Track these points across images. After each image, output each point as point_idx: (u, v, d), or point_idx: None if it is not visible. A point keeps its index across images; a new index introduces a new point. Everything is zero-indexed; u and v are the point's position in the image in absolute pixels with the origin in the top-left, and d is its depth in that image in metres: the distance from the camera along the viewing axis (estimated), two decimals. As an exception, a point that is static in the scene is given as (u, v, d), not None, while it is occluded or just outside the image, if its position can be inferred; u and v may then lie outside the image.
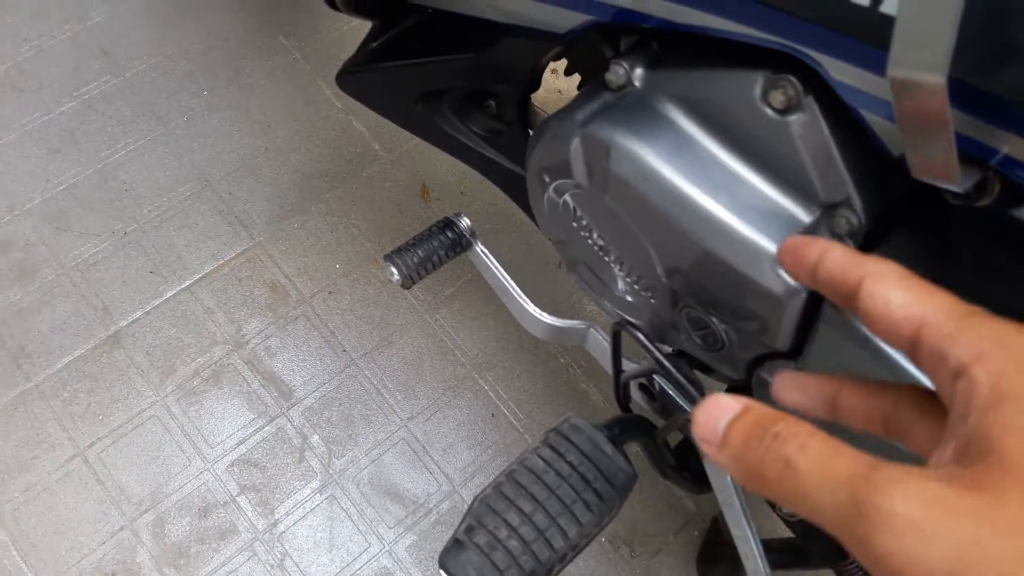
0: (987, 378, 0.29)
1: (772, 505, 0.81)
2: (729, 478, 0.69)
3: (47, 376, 1.18)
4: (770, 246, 0.55)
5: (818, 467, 0.29)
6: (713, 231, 0.56)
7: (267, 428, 1.18)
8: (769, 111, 0.54)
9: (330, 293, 1.28)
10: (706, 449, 0.33)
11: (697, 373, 0.71)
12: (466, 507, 1.15)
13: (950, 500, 0.26)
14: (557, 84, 1.41)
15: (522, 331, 1.28)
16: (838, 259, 0.36)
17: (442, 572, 0.60)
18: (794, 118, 0.54)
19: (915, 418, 0.36)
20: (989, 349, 0.29)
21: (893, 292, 0.33)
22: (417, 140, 1.42)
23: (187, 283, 1.26)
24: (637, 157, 0.58)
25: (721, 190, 0.56)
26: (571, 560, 0.63)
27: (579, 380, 1.27)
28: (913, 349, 0.32)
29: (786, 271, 0.39)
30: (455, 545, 0.61)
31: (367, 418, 1.21)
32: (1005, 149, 0.44)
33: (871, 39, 0.46)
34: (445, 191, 1.38)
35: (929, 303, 0.32)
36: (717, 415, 0.33)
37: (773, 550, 0.73)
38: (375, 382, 1.23)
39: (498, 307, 1.29)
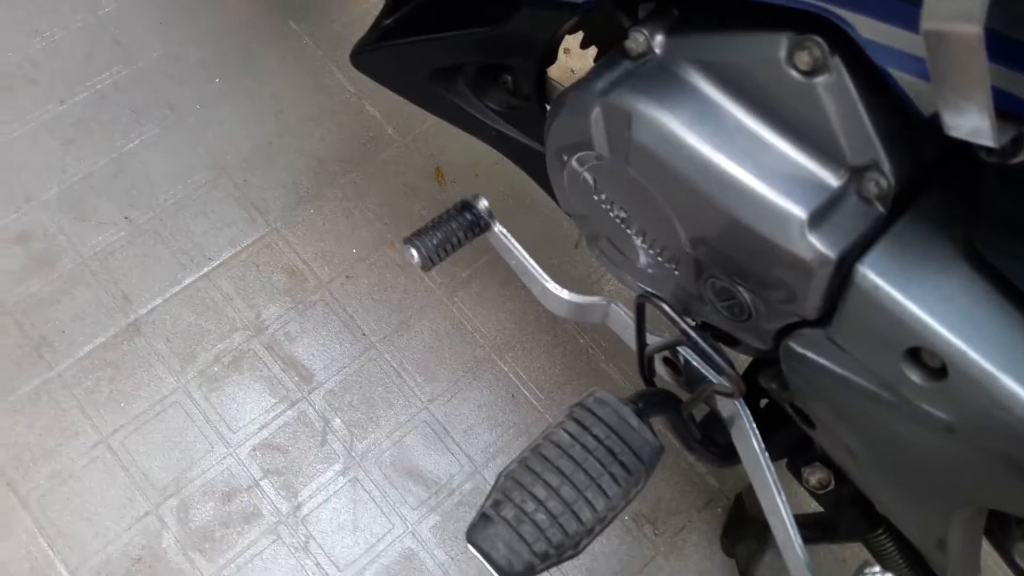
0: None
1: (799, 478, 0.81)
2: (759, 452, 0.68)
3: (69, 364, 1.19)
4: (798, 211, 0.54)
5: None
6: (739, 198, 0.55)
7: (289, 412, 1.18)
8: (795, 73, 0.53)
9: (348, 278, 1.28)
10: None
11: (722, 345, 0.71)
12: (489, 488, 1.16)
13: None
14: (570, 63, 1.40)
15: (541, 312, 1.28)
16: None
17: (470, 546, 0.60)
18: (820, 79, 0.53)
19: None
20: None
21: None
22: (431, 123, 1.42)
23: (205, 270, 1.26)
24: (660, 125, 0.57)
25: (746, 156, 0.56)
26: (599, 533, 0.63)
27: (599, 360, 1.27)
28: None
29: None
30: (482, 519, 0.61)
31: (388, 401, 1.21)
32: (1043, 102, 0.42)
33: (902, -7, 0.45)
34: (460, 173, 1.37)
35: None
36: None
37: (802, 525, 0.72)
38: (395, 365, 1.23)
39: (516, 288, 1.29)
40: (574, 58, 1.39)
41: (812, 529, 0.81)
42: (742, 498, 1.07)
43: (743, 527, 1.08)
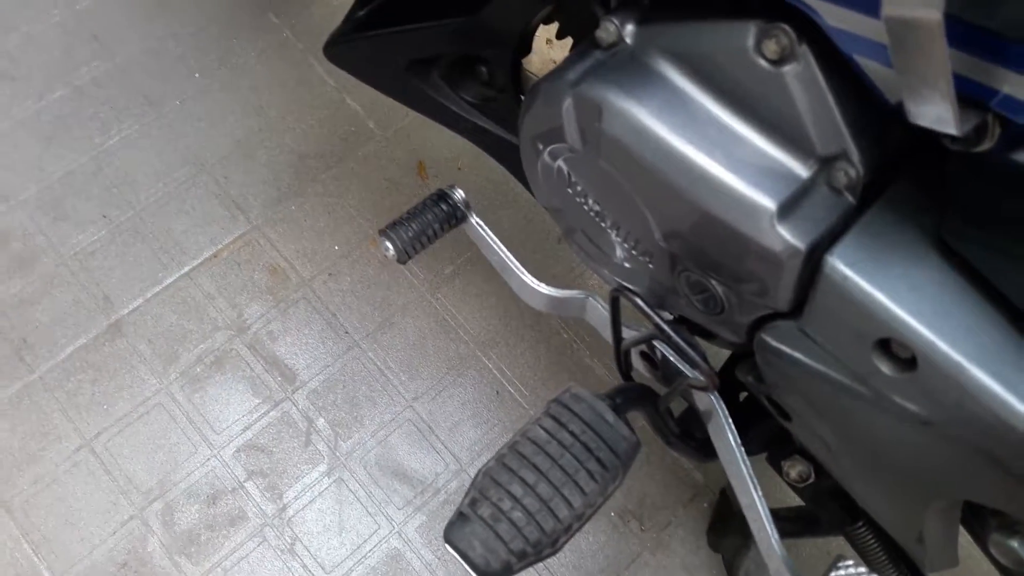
0: None
1: (780, 471, 0.80)
2: (735, 446, 0.68)
3: (50, 367, 1.18)
4: (767, 203, 0.53)
5: None
6: (709, 190, 0.55)
7: (272, 413, 1.18)
8: (763, 62, 0.53)
9: (330, 275, 1.27)
10: None
11: (697, 339, 0.70)
12: (474, 484, 1.15)
13: None
14: (552, 54, 1.39)
15: (524, 308, 1.27)
16: None
17: (447, 546, 0.59)
18: (788, 68, 0.52)
19: None
20: None
21: None
22: (412, 117, 1.41)
23: (186, 269, 1.25)
24: (629, 116, 0.56)
25: (716, 147, 0.55)
26: (577, 530, 0.62)
27: (584, 355, 1.26)
28: None
29: None
30: (459, 518, 0.60)
31: (372, 400, 1.20)
32: (1005, 89, 0.42)
33: (865, -21, 0.44)
34: (442, 168, 1.36)
35: None
36: None
37: (782, 518, 0.72)
38: (378, 363, 1.22)
39: (499, 284, 1.28)
40: (556, 49, 1.38)
41: (793, 523, 0.80)
42: (727, 493, 1.07)
43: (729, 522, 1.08)
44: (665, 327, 0.63)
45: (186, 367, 1.19)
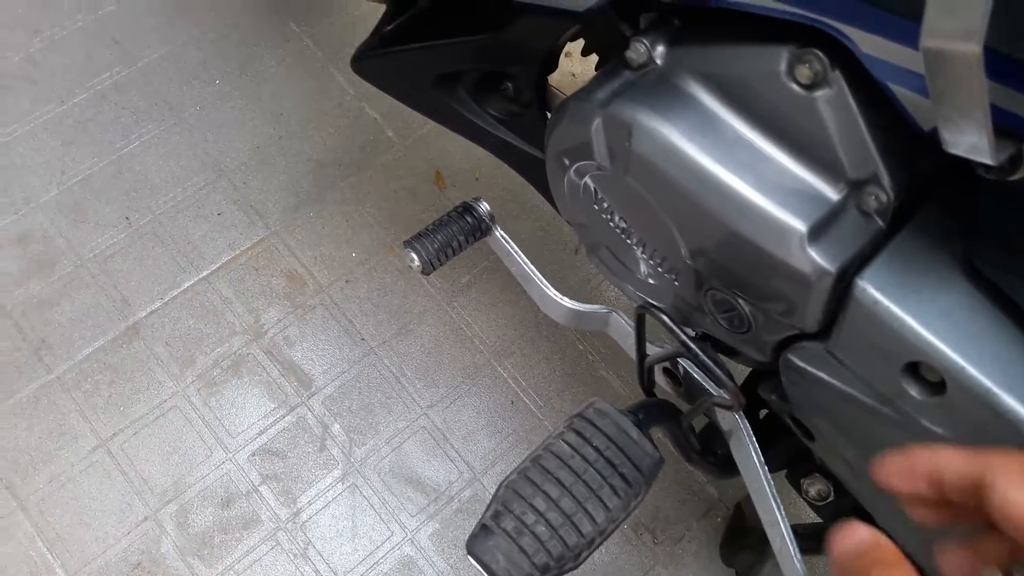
0: None
1: (799, 489, 0.81)
2: (758, 464, 0.68)
3: (68, 368, 1.19)
4: (798, 224, 0.54)
5: None
6: (738, 210, 0.55)
7: (288, 417, 1.18)
8: (795, 86, 0.53)
9: (347, 282, 1.28)
10: (835, 556, 0.37)
11: (721, 357, 0.70)
12: (488, 495, 1.15)
13: None
14: (571, 68, 1.40)
15: (540, 318, 1.27)
16: (955, 462, 0.36)
17: (470, 558, 0.60)
18: (820, 93, 0.53)
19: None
20: None
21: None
22: (431, 126, 1.41)
23: (204, 273, 1.26)
24: (660, 136, 0.57)
25: (746, 168, 0.55)
26: (599, 546, 0.62)
27: (599, 367, 1.27)
28: None
29: (890, 486, 0.39)
30: (482, 531, 0.60)
31: (387, 407, 1.21)
32: (1042, 120, 0.42)
33: (902, 9, 0.44)
34: (460, 178, 1.37)
35: None
36: (855, 538, 0.36)
37: (800, 535, 0.72)
38: (394, 371, 1.23)
39: (516, 295, 1.28)
40: (575, 62, 1.39)
41: (811, 540, 0.80)
42: (741, 508, 1.07)
43: (742, 537, 1.08)
44: (692, 345, 0.64)
45: (203, 370, 1.20)
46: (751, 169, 0.55)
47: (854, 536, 0.36)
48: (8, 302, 1.22)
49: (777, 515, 0.67)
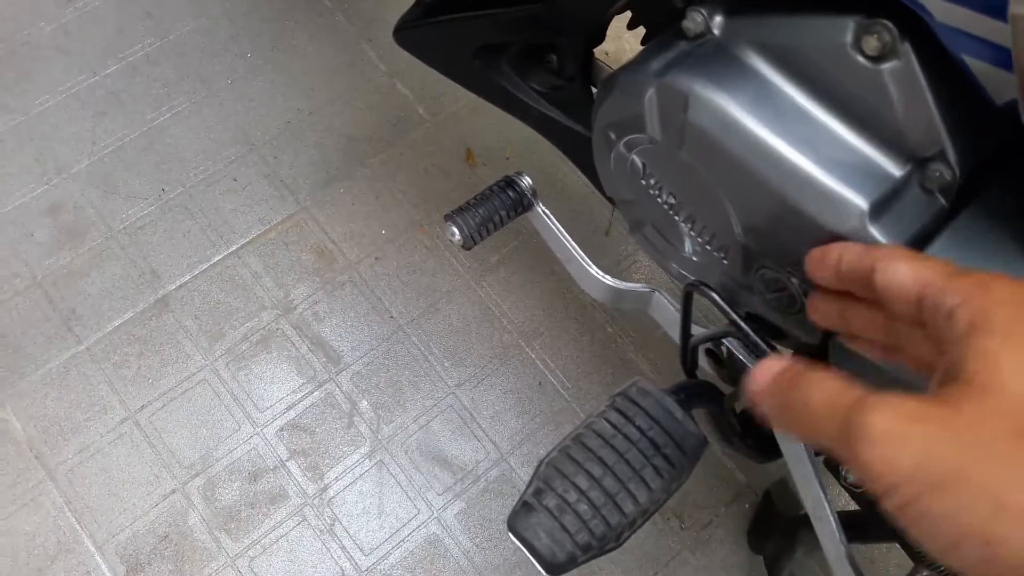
0: (967, 315, 0.35)
1: (837, 476, 0.79)
2: (803, 446, 0.67)
3: (98, 339, 1.19)
4: (859, 201, 0.52)
5: (827, 401, 0.36)
6: (798, 185, 0.54)
7: (316, 393, 1.18)
8: (861, 59, 0.52)
9: (376, 259, 1.27)
10: (752, 398, 0.42)
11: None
12: (515, 475, 1.15)
13: (919, 412, 0.32)
14: (604, 45, 1.38)
15: (569, 300, 1.26)
16: (855, 251, 0.46)
17: (511, 535, 0.59)
18: (888, 66, 0.51)
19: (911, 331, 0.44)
20: (973, 293, 0.36)
21: (900, 264, 0.41)
22: (462, 103, 1.40)
23: (234, 247, 1.26)
24: (718, 107, 0.55)
25: (806, 142, 0.54)
26: (640, 526, 0.61)
27: (628, 349, 1.25)
28: (918, 309, 0.39)
29: (814, 276, 0.49)
30: (524, 508, 0.59)
31: (415, 384, 1.20)
32: None
33: (985, -25, 0.43)
34: (490, 156, 1.36)
35: (929, 268, 0.39)
36: (765, 372, 0.42)
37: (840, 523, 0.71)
38: (422, 349, 1.22)
39: (545, 275, 1.27)
40: (609, 40, 1.37)
41: (848, 528, 0.79)
42: (770, 495, 1.06)
43: (771, 524, 1.07)
44: (743, 325, 0.62)
45: (231, 344, 1.20)
46: (811, 143, 0.54)
47: (767, 370, 0.41)
48: (39, 272, 1.22)
49: (821, 494, 0.66)
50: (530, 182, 0.80)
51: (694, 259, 0.68)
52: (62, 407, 1.15)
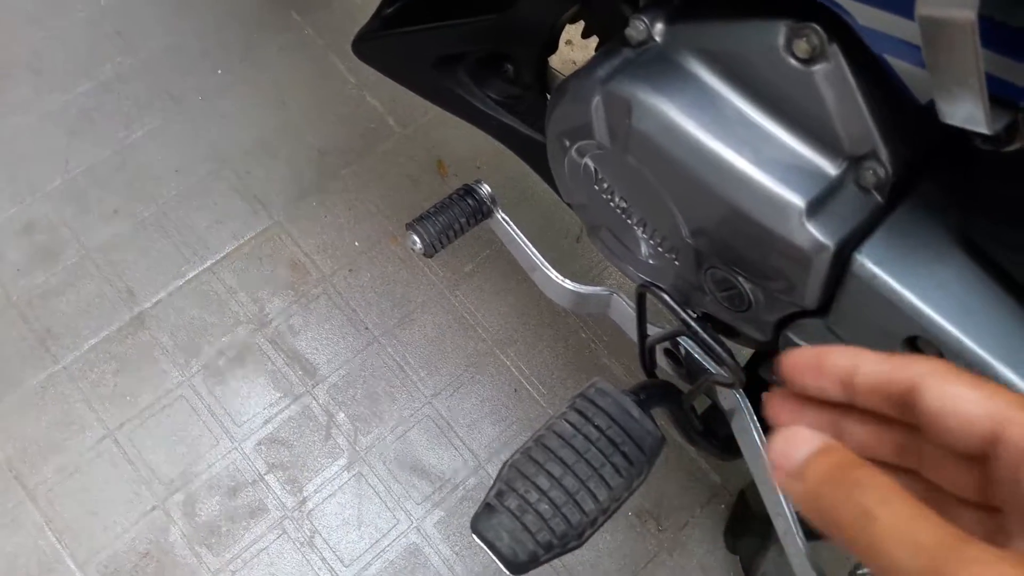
0: None
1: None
2: (760, 445, 0.68)
3: (74, 358, 1.20)
4: (796, 200, 0.54)
5: (900, 525, 0.28)
6: (738, 186, 0.55)
7: (293, 406, 1.19)
8: (793, 61, 0.53)
9: (350, 271, 1.28)
10: (777, 476, 0.32)
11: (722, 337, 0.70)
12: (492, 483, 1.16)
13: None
14: (572, 55, 1.40)
15: (543, 306, 1.28)
16: (876, 364, 0.33)
17: (475, 536, 0.60)
18: (818, 68, 0.53)
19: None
20: None
21: (961, 390, 0.31)
22: (432, 115, 1.41)
23: (208, 263, 1.27)
24: (659, 113, 0.57)
25: (745, 144, 0.55)
26: (601, 524, 0.63)
27: (601, 354, 1.27)
28: (992, 445, 0.31)
29: (794, 383, 0.35)
30: (486, 509, 0.61)
31: (391, 395, 1.21)
32: (1038, 88, 0.42)
33: (898, -21, 0.44)
34: (461, 166, 1.37)
35: (1003, 400, 0.31)
36: (796, 445, 0.31)
37: (804, 520, 0.72)
38: (398, 359, 1.23)
39: (518, 282, 1.29)
40: (577, 49, 1.39)
41: (808, 526, 0.80)
42: (745, 495, 1.07)
43: (746, 523, 1.08)
44: (693, 323, 0.64)
45: (208, 360, 1.21)
46: (750, 145, 0.55)
47: (799, 441, 0.32)
48: (13, 292, 1.23)
49: (781, 496, 0.67)
50: (489, 190, 0.81)
51: (649, 261, 0.69)
52: (40, 427, 1.15)
